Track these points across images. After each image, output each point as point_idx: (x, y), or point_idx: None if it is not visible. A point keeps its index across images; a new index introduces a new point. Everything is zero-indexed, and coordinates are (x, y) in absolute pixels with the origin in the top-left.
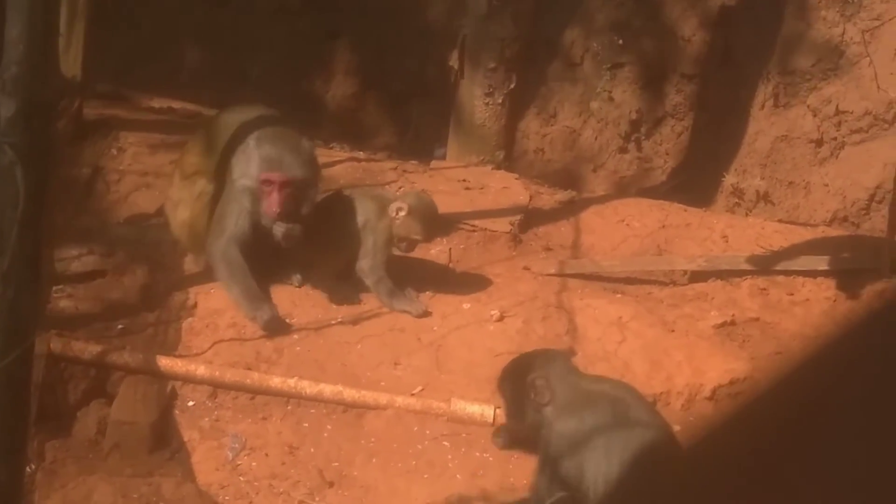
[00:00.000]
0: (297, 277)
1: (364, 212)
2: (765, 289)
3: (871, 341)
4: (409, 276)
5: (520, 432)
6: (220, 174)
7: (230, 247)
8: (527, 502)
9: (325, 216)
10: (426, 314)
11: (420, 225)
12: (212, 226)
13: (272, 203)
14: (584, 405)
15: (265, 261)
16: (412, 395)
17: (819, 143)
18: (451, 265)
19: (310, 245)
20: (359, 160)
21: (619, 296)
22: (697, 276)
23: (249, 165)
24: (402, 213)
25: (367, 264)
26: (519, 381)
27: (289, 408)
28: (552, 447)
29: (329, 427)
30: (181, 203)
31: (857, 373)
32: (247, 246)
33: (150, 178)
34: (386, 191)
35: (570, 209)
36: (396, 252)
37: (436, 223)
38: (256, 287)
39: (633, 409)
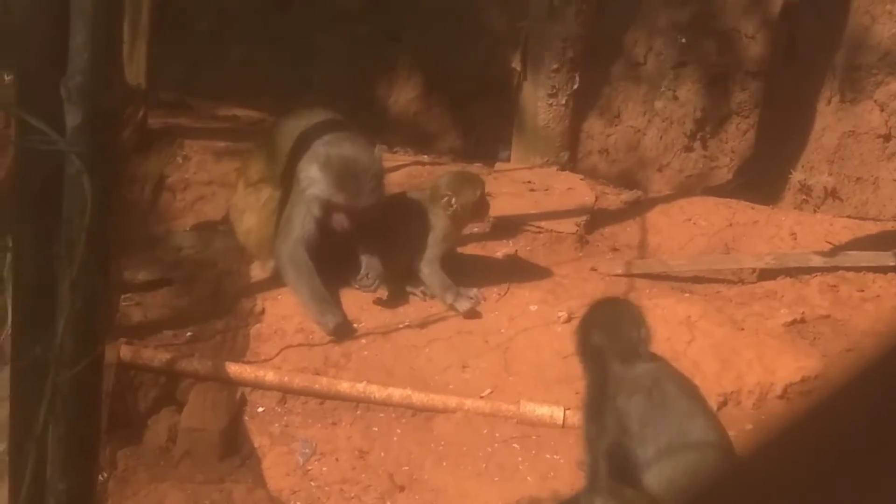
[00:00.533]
0: (373, 282)
1: (422, 212)
2: (835, 286)
3: None
4: (476, 278)
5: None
6: (286, 180)
7: (298, 249)
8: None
9: (387, 218)
10: (474, 314)
11: (475, 207)
12: (279, 229)
13: (340, 221)
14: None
15: (333, 264)
16: (481, 397)
17: (887, 137)
18: (517, 267)
19: (374, 247)
20: (423, 164)
21: (687, 295)
22: (766, 274)
23: (320, 180)
24: (448, 201)
25: (422, 260)
26: (620, 309)
27: (358, 412)
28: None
29: (398, 431)
30: (247, 210)
31: None
32: (315, 249)
33: (215, 185)
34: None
35: (635, 209)
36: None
37: (483, 194)
38: (324, 290)
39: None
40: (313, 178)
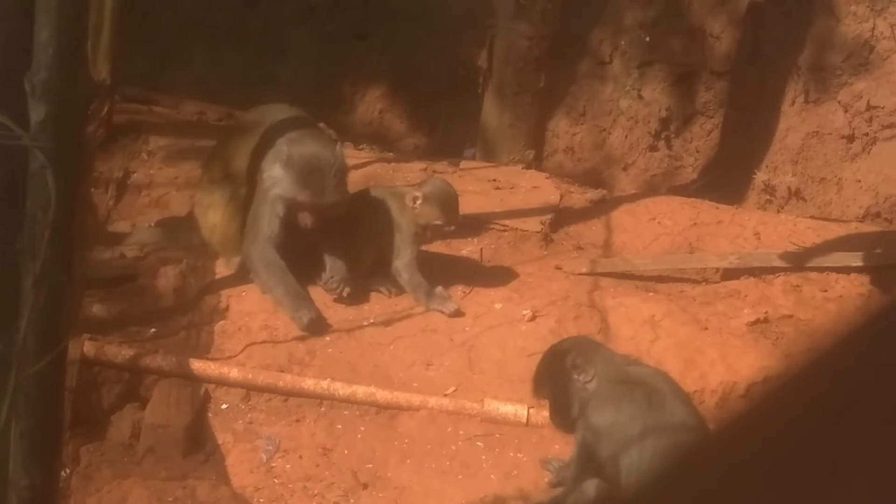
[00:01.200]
0: (338, 285)
1: (387, 209)
2: (798, 286)
3: None
4: (441, 276)
5: (565, 424)
6: (250, 177)
7: (267, 248)
8: (563, 495)
9: (352, 216)
10: (459, 314)
11: (439, 209)
12: (246, 230)
13: (305, 219)
14: (622, 394)
15: (299, 263)
16: (445, 395)
17: (850, 138)
18: (482, 265)
19: (339, 246)
20: (388, 161)
21: (651, 294)
22: (730, 274)
23: (283, 179)
24: (419, 202)
25: (399, 263)
26: (559, 364)
27: (322, 409)
28: (589, 434)
29: (362, 428)
30: (211, 207)
31: (892, 369)
32: (282, 248)
33: (180, 181)
34: (407, 186)
35: (600, 208)
36: (424, 245)
37: (454, 206)
38: (298, 286)
39: (670, 402)
40: (276, 177)
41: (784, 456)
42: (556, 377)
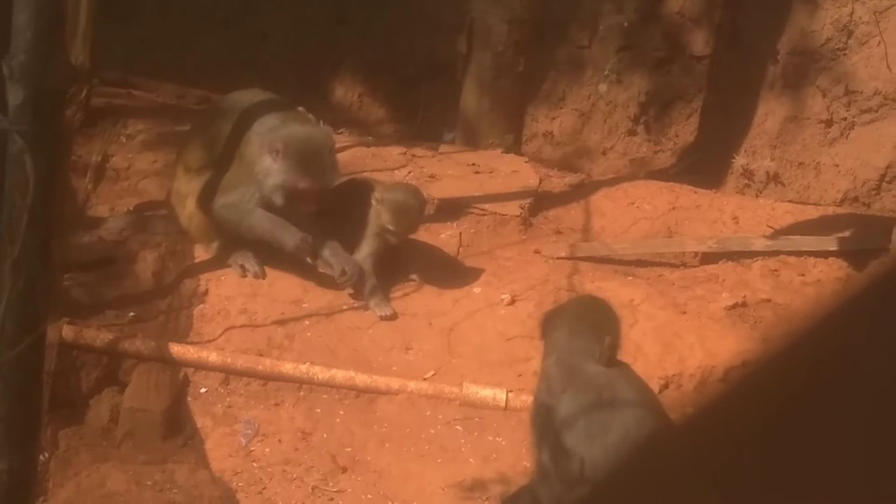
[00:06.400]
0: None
1: (363, 200)
2: (776, 270)
3: (883, 321)
4: (420, 261)
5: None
6: (227, 163)
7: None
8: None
9: (335, 203)
10: (392, 318)
11: (391, 216)
12: (222, 202)
13: (307, 205)
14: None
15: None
16: (424, 379)
17: (829, 123)
18: (461, 249)
19: (321, 232)
20: (367, 145)
21: (630, 278)
22: (708, 258)
23: (280, 169)
24: (378, 206)
25: (357, 256)
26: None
27: (301, 393)
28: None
29: (341, 412)
30: (189, 195)
31: (868, 353)
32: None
33: (158, 165)
34: (387, 179)
35: (579, 192)
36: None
37: (409, 218)
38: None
39: (621, 390)
40: (270, 167)
41: (762, 438)
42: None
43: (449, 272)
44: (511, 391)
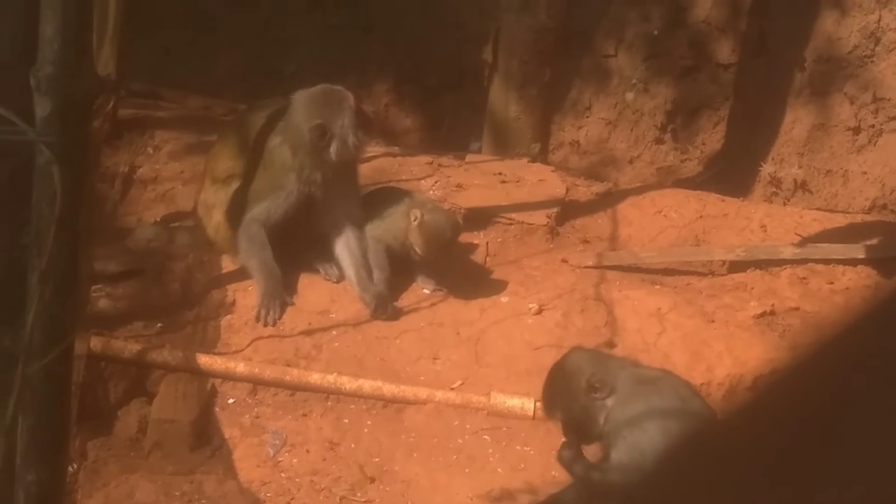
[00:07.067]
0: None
1: (392, 210)
2: (804, 278)
3: None
4: (447, 269)
5: (584, 440)
6: (254, 172)
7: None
8: (570, 489)
9: (371, 210)
10: (378, 317)
11: (423, 242)
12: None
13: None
14: (646, 391)
15: (304, 252)
16: (452, 389)
17: (856, 130)
18: (487, 258)
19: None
20: (394, 155)
21: (657, 287)
22: (736, 267)
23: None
24: (415, 223)
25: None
26: (571, 384)
27: (328, 404)
28: (635, 453)
29: (369, 422)
30: (216, 206)
31: None
32: (285, 231)
33: (185, 175)
34: (419, 194)
35: (606, 201)
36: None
37: (440, 249)
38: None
39: (687, 396)
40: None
41: (791, 448)
42: (569, 397)
43: (476, 281)
44: (539, 400)
